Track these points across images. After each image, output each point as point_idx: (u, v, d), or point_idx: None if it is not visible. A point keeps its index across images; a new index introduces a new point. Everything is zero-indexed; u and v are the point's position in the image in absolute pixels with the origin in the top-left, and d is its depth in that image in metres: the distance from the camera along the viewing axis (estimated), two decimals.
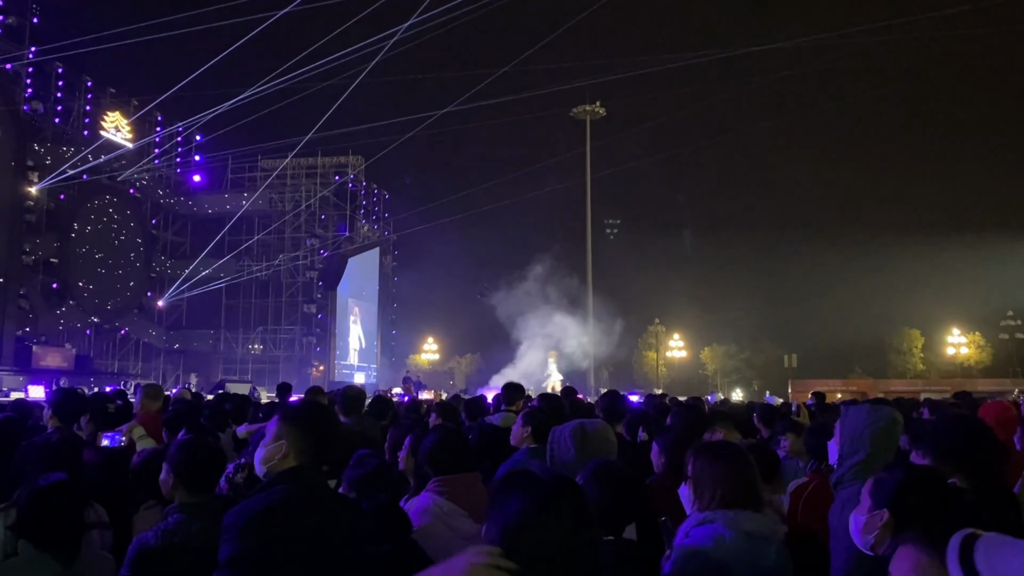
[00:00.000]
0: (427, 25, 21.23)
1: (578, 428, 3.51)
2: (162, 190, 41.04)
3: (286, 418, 2.71)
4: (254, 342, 42.56)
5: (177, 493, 3.26)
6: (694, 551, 2.52)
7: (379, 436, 5.48)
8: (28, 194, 31.43)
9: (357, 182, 45.43)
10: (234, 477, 4.04)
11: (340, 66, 22.27)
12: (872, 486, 2.41)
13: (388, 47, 22.20)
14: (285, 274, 41.72)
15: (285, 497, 2.56)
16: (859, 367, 60.08)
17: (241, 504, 2.58)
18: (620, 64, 60.11)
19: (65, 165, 31.30)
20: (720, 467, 2.67)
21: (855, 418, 3.16)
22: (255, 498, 2.60)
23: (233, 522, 2.49)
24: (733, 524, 2.55)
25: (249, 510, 2.52)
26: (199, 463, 3.29)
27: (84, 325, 34.83)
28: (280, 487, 2.60)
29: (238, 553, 2.43)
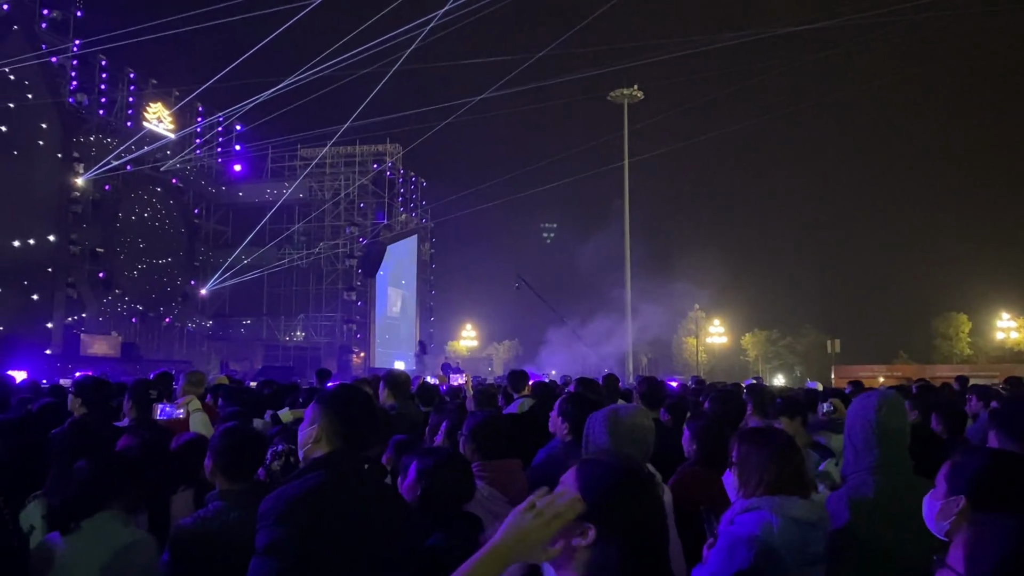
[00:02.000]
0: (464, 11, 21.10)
1: (612, 414, 3.42)
2: (204, 180, 41.58)
3: (320, 402, 2.68)
4: (295, 329, 43.06)
5: (217, 479, 3.26)
6: (741, 538, 2.44)
7: (424, 421, 5.49)
8: (74, 185, 32.02)
9: (395, 170, 45.62)
10: (271, 464, 4.03)
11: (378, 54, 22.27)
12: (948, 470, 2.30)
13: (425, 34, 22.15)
14: (325, 262, 42.13)
15: (321, 483, 2.53)
16: (904, 352, 59.02)
17: (277, 491, 2.55)
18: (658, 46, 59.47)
19: (110, 156, 31.87)
20: (766, 453, 2.58)
21: (853, 407, 3.05)
22: (291, 484, 2.57)
23: (269, 509, 2.47)
24: (780, 510, 2.47)
25: (285, 497, 2.49)
26: (238, 450, 3.29)
27: (130, 313, 35.50)
28: (316, 473, 2.57)
29: (274, 540, 2.41)
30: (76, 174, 32.09)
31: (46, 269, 30.51)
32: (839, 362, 48.85)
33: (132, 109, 35.99)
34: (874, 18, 39.57)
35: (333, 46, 22.16)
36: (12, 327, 28.38)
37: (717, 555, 2.49)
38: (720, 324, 63.97)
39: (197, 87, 30.98)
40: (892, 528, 2.73)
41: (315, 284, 42.92)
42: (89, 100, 33.60)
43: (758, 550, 2.42)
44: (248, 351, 40.41)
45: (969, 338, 62.02)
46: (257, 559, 2.40)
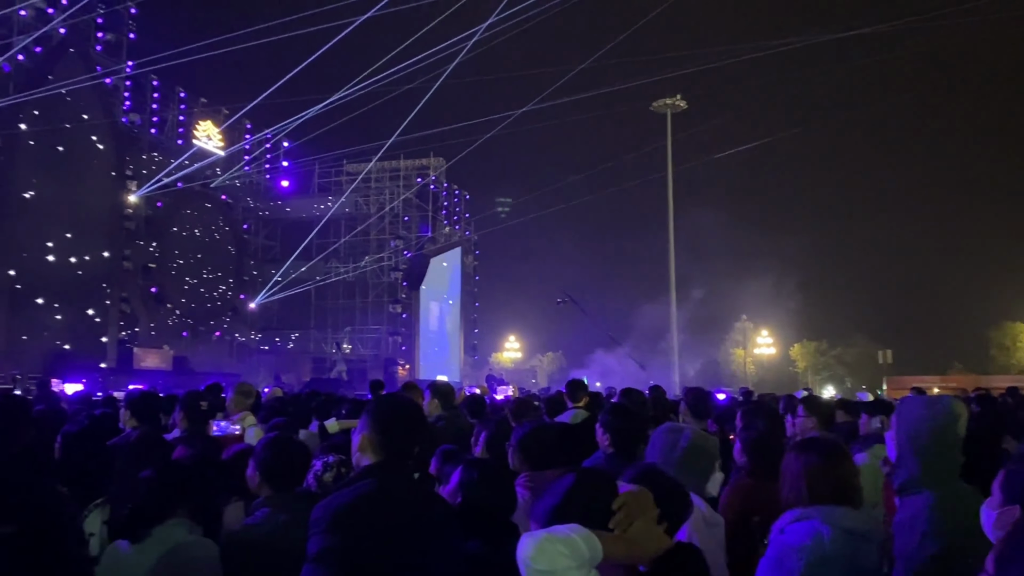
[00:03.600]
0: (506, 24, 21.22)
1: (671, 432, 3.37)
2: (253, 195, 42.38)
3: (367, 411, 2.71)
4: (342, 341, 43.56)
5: (262, 488, 3.29)
6: (791, 547, 2.39)
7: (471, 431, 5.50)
8: (127, 202, 32.84)
9: (438, 183, 45.99)
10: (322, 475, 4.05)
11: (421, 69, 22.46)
12: (1003, 479, 2.22)
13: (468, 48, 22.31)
14: (371, 275, 42.63)
15: (370, 491, 2.56)
16: (958, 363, 57.49)
17: (328, 498, 2.59)
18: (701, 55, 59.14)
19: (161, 174, 32.61)
20: (813, 462, 2.52)
21: (912, 413, 2.87)
22: (342, 492, 2.60)
23: (320, 517, 2.51)
24: (832, 520, 2.41)
25: (335, 505, 2.53)
26: (283, 460, 3.32)
27: (181, 327, 36.21)
28: (366, 481, 2.60)
29: (325, 547, 2.45)
30: (129, 192, 32.90)
31: (100, 285, 31.27)
32: (891, 373, 47.81)
33: (183, 127, 36.87)
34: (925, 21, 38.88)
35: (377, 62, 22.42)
36: (69, 342, 29.15)
37: (767, 564, 2.45)
38: (768, 335, 63.07)
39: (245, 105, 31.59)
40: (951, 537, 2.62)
41: (361, 297, 43.48)
42: (141, 119, 34.54)
43: (809, 560, 2.37)
44: (296, 364, 40.93)
45: None
46: (308, 566, 2.45)
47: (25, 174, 28.38)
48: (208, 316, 38.07)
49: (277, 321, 43.80)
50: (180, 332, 36.20)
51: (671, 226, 47.06)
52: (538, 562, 1.64)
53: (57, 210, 29.10)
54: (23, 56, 28.17)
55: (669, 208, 47.25)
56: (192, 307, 37.14)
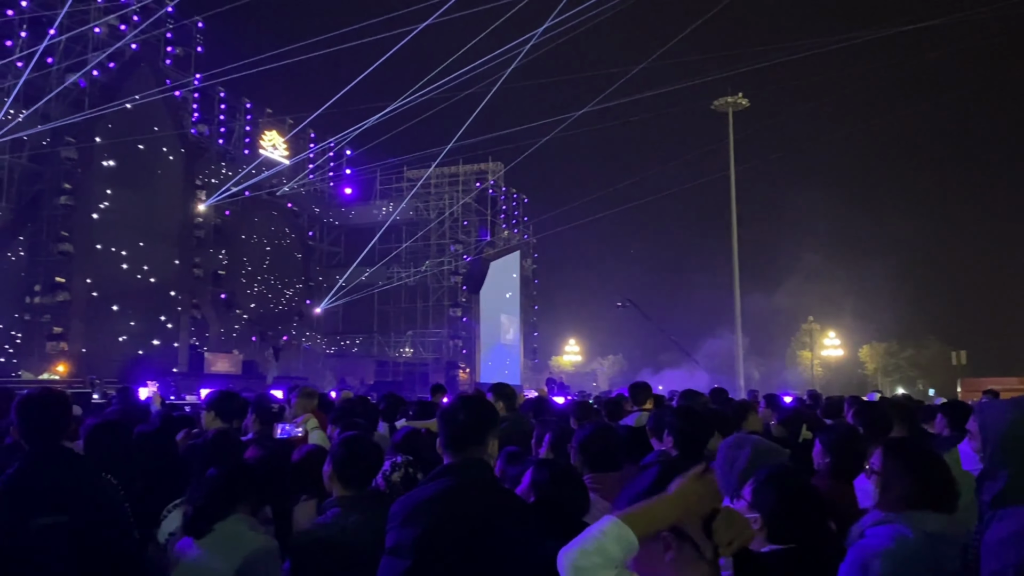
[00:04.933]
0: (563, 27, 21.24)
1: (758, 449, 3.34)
2: (317, 203, 43.25)
3: (439, 414, 2.81)
4: (404, 345, 44.11)
5: (335, 486, 3.39)
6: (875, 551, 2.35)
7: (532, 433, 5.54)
8: (197, 211, 33.83)
9: (497, 188, 46.24)
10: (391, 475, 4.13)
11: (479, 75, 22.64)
12: None
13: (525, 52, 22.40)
14: (431, 279, 43.08)
15: (446, 488, 2.65)
16: None
17: (407, 494, 2.70)
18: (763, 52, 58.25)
19: (229, 183, 33.50)
20: (913, 467, 2.46)
21: (1001, 417, 2.66)
22: (420, 488, 2.71)
23: (397, 511, 2.62)
24: (915, 524, 2.36)
25: (413, 500, 2.64)
26: (357, 458, 3.41)
27: (250, 332, 37.10)
28: (443, 478, 2.69)
29: (401, 540, 2.55)
30: (198, 201, 33.89)
31: (172, 292, 32.26)
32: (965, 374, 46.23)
33: (249, 137, 37.83)
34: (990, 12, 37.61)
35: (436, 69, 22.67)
36: (143, 347, 30.14)
37: (849, 569, 2.40)
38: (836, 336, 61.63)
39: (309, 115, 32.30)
40: None
41: (422, 301, 43.97)
42: (209, 131, 35.56)
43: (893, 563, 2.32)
44: (360, 367, 41.57)
45: None
46: (386, 559, 2.55)
47: (100, 186, 29.47)
48: (276, 321, 38.93)
49: (342, 326, 44.58)
50: (249, 337, 37.09)
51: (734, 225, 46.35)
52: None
53: (130, 220, 30.11)
54: (98, 72, 29.28)
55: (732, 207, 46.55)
56: (260, 312, 38.02)
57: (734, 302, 45.79)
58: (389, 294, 42.90)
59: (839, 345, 61.25)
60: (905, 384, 59.98)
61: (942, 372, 54.25)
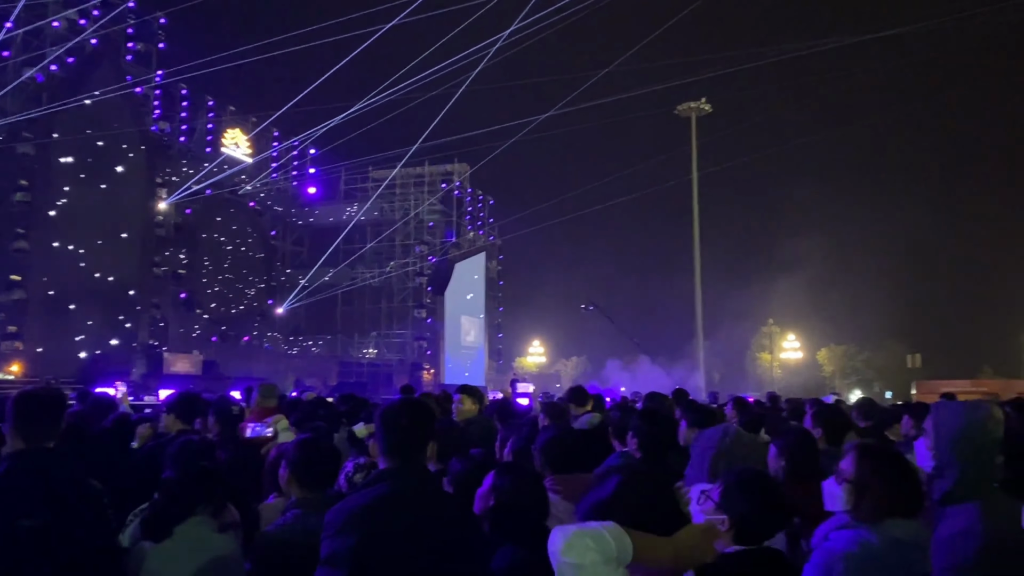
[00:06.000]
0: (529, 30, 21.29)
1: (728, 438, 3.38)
2: (280, 202, 42.82)
3: (376, 416, 2.78)
4: (368, 347, 43.85)
5: (293, 489, 3.38)
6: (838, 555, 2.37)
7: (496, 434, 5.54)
8: (158, 210, 33.31)
9: (463, 189, 46.20)
10: (353, 476, 4.13)
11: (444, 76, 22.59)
12: None
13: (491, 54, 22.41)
14: (396, 280, 42.92)
15: (385, 495, 2.60)
16: (988, 367, 56.64)
17: (343, 501, 2.65)
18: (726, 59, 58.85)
19: (190, 181, 33.02)
20: (888, 474, 2.49)
21: (953, 418, 2.81)
22: (355, 496, 2.67)
23: (332, 520, 2.56)
24: (880, 529, 2.39)
25: (349, 508, 2.59)
26: (315, 461, 3.41)
27: (210, 332, 36.62)
28: (381, 485, 2.66)
29: (335, 550, 2.49)
30: (159, 199, 33.37)
31: (132, 291, 31.73)
32: (920, 377, 47.17)
33: (211, 135, 37.33)
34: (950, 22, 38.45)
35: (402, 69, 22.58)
36: (101, 347, 29.60)
37: (812, 572, 2.43)
38: (795, 339, 62.47)
39: (273, 113, 31.95)
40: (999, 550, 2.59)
41: (386, 302, 43.79)
42: (171, 128, 35.03)
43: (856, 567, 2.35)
44: (323, 368, 41.22)
45: None
46: (320, 569, 2.49)
47: (58, 183, 28.91)
48: (237, 321, 38.48)
49: (304, 326, 44.19)
50: (210, 337, 36.61)
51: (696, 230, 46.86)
52: (568, 555, 1.71)
53: (89, 218, 29.56)
54: (56, 67, 28.70)
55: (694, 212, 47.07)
56: (221, 312, 37.57)
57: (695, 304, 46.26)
58: (353, 295, 42.64)
59: (798, 348, 62.14)
60: (862, 386, 60.98)
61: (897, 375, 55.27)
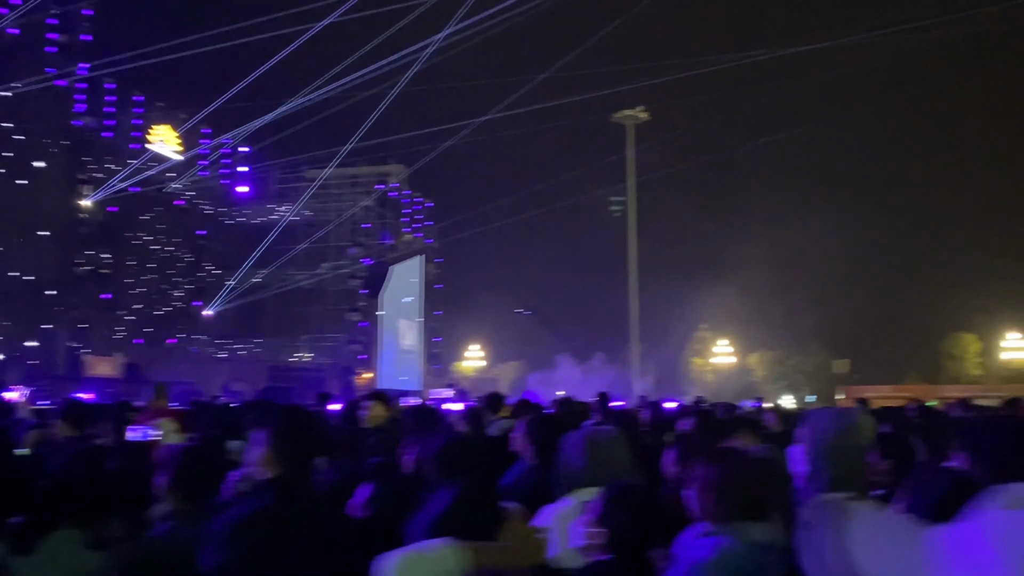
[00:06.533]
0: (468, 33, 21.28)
1: (590, 436, 3.34)
2: (210, 201, 41.86)
3: (265, 424, 2.64)
4: (300, 350, 43.12)
5: (171, 498, 3.19)
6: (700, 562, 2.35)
7: None
8: (80, 207, 32.24)
9: (399, 191, 45.84)
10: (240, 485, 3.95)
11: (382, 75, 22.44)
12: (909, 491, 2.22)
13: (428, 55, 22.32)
14: (329, 282, 42.28)
15: (265, 507, 2.50)
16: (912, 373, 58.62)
17: (224, 514, 2.53)
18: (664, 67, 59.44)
19: (115, 178, 32.04)
20: (727, 473, 2.49)
21: (823, 425, 2.84)
22: (237, 507, 2.55)
23: (213, 532, 2.45)
24: (740, 534, 2.38)
25: (229, 520, 2.47)
26: (193, 470, 3.22)
27: (134, 335, 35.59)
28: (263, 496, 2.54)
29: (218, 563, 2.39)
30: (82, 196, 32.31)
31: (51, 291, 30.64)
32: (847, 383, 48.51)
33: (138, 131, 36.32)
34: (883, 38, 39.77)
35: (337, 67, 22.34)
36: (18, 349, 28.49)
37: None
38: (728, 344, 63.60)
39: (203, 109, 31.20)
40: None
41: (319, 305, 43.09)
42: (95, 123, 33.94)
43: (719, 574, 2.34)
44: (252, 373, 40.37)
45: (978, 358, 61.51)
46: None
47: None
48: (163, 323, 37.49)
49: (233, 329, 43.21)
50: (133, 340, 35.57)
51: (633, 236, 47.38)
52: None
53: (6, 214, 28.51)
54: None
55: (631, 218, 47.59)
56: (146, 314, 36.54)
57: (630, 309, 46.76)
58: (285, 297, 41.82)
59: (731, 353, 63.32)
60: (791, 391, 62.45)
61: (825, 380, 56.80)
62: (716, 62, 40.36)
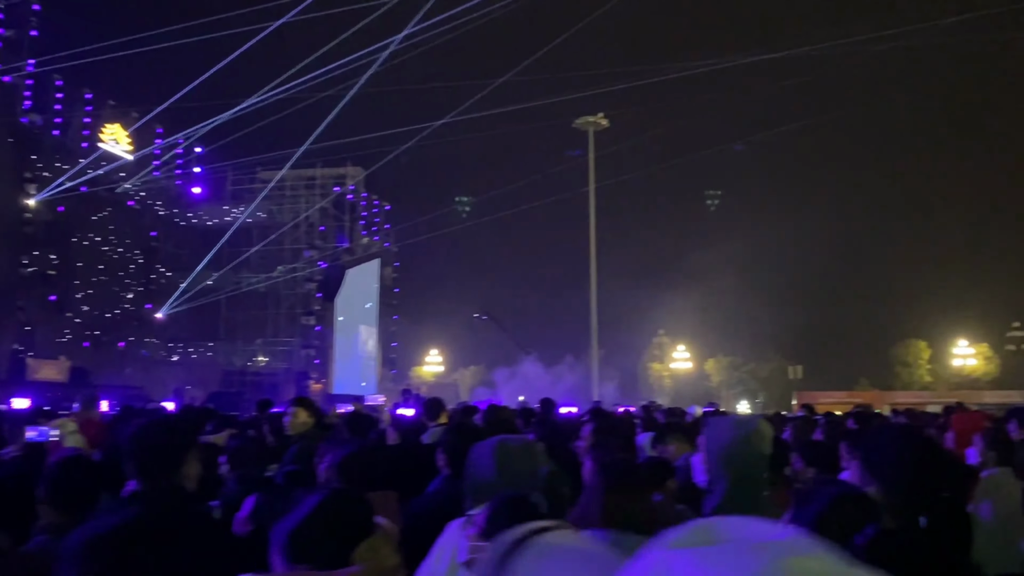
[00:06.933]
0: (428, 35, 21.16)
1: (499, 445, 3.22)
2: (162, 202, 41.05)
3: (126, 438, 2.51)
4: (254, 355, 42.45)
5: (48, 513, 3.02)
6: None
7: None
8: (27, 206, 31.41)
9: (356, 193, 45.39)
10: None
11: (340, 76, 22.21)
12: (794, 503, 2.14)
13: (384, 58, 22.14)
14: (284, 286, 41.66)
15: (133, 519, 2.34)
16: (864, 379, 59.62)
17: (83, 528, 2.37)
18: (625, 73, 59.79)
19: (63, 177, 31.24)
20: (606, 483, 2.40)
21: (720, 433, 2.78)
22: (101, 520, 2.38)
23: (70, 547, 2.28)
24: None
25: (90, 535, 2.31)
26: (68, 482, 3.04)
27: (82, 338, 34.74)
28: (129, 508, 2.40)
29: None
30: (29, 195, 31.48)
31: None
32: (801, 388, 49.16)
33: (88, 130, 35.45)
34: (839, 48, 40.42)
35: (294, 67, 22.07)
36: None
37: None
38: (685, 349, 64.20)
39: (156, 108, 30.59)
40: None
41: (273, 308, 42.44)
42: (43, 120, 33.08)
43: None
44: (205, 377, 39.66)
45: (928, 365, 62.79)
46: None
47: None
48: (112, 326, 36.62)
49: (185, 332, 42.39)
50: (81, 343, 34.70)
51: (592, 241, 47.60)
52: None
53: None
54: None
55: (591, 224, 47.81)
56: (95, 317, 35.66)
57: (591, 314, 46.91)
58: (238, 300, 41.11)
59: (688, 358, 63.90)
60: (747, 396, 63.17)
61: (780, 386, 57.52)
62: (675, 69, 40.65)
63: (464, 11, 21.17)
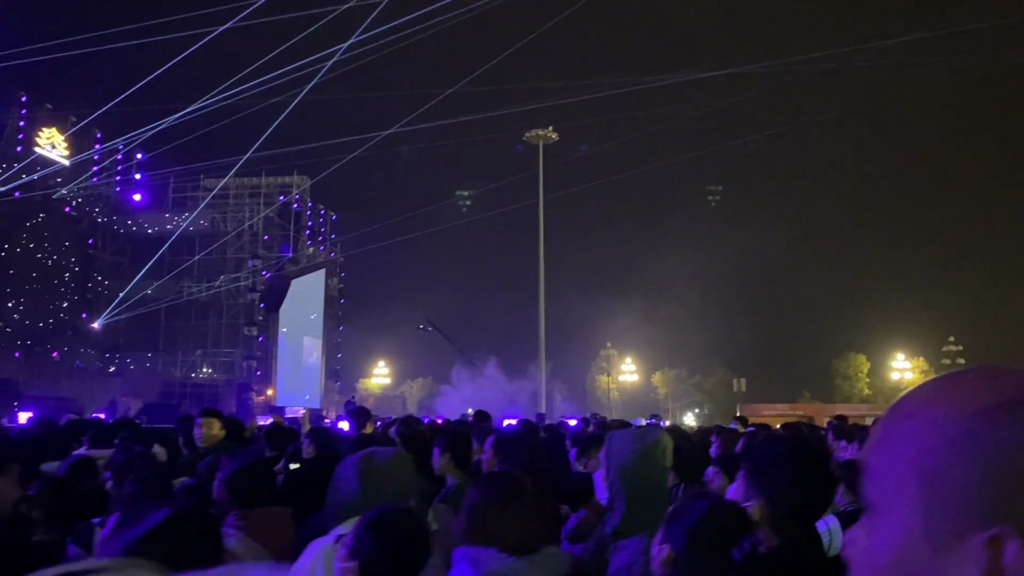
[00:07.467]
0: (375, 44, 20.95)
1: (365, 458, 3.06)
2: (101, 209, 40.03)
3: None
4: (196, 365, 41.51)
5: None
6: None
7: None
8: None
9: (302, 202, 44.79)
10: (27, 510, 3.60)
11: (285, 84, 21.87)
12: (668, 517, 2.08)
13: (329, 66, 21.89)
14: (226, 295, 40.84)
15: None
16: (807, 392, 60.72)
17: None
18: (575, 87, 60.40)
19: None
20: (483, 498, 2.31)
21: (621, 447, 2.69)
22: None
23: None
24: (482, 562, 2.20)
25: None
26: None
27: (13, 348, 33.63)
28: None
29: None
30: None
31: None
32: (745, 400, 49.83)
33: (23, 133, 34.46)
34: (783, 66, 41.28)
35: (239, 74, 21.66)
36: None
37: None
38: (632, 362, 64.67)
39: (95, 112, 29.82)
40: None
41: (215, 318, 41.55)
42: None
43: None
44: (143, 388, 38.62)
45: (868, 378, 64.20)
46: None
47: None
48: (46, 336, 35.52)
49: (124, 342, 41.29)
50: (12, 353, 33.58)
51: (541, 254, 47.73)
52: None
53: None
54: None
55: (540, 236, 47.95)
56: (27, 326, 34.54)
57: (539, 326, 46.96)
58: (179, 310, 40.17)
59: (635, 371, 64.37)
60: (693, 408, 63.85)
61: (725, 398, 58.25)
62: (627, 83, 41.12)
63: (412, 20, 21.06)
